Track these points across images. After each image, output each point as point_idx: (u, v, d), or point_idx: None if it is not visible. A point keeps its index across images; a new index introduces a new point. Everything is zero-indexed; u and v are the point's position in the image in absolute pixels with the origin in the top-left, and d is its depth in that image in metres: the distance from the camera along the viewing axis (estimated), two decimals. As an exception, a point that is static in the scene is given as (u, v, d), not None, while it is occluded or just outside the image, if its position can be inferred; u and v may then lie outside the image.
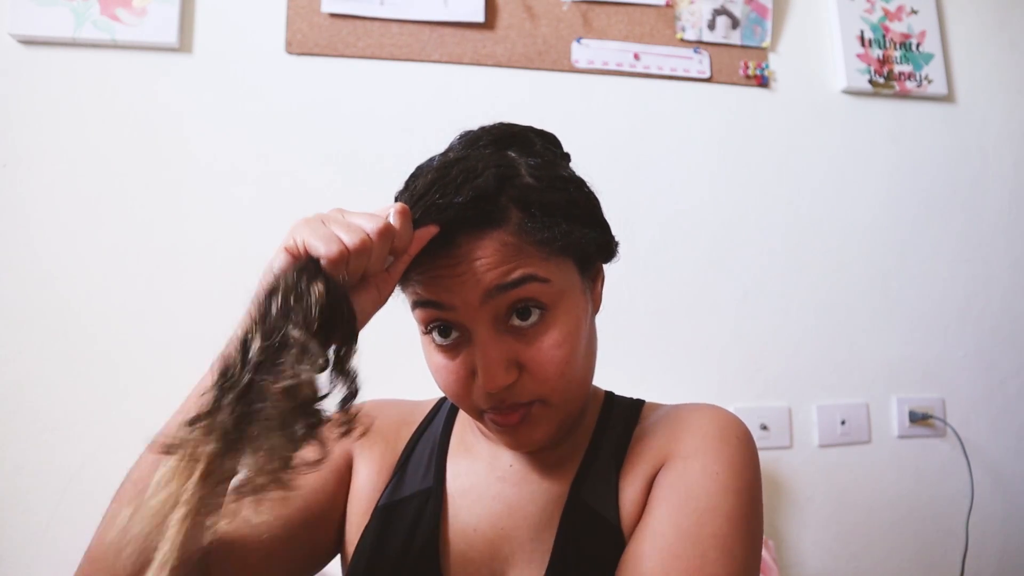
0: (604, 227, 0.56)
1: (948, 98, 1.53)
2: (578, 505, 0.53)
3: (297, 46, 1.26)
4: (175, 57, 1.22)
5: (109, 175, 1.17)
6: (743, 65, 1.43)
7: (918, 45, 1.51)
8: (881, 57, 1.49)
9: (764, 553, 1.16)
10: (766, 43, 1.44)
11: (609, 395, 0.63)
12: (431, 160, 0.55)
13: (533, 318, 0.48)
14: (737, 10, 1.43)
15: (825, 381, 1.38)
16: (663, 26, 1.40)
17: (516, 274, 0.46)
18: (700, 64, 1.41)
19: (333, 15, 1.27)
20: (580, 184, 0.55)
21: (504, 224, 0.47)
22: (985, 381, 1.46)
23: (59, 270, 1.14)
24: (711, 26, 1.42)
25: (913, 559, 1.36)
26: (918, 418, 1.39)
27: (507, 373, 0.47)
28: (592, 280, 0.55)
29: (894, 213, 1.47)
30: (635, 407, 0.61)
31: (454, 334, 0.49)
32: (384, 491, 0.60)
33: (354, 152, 1.26)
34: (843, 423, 1.36)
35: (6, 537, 1.07)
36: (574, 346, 0.49)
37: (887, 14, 1.51)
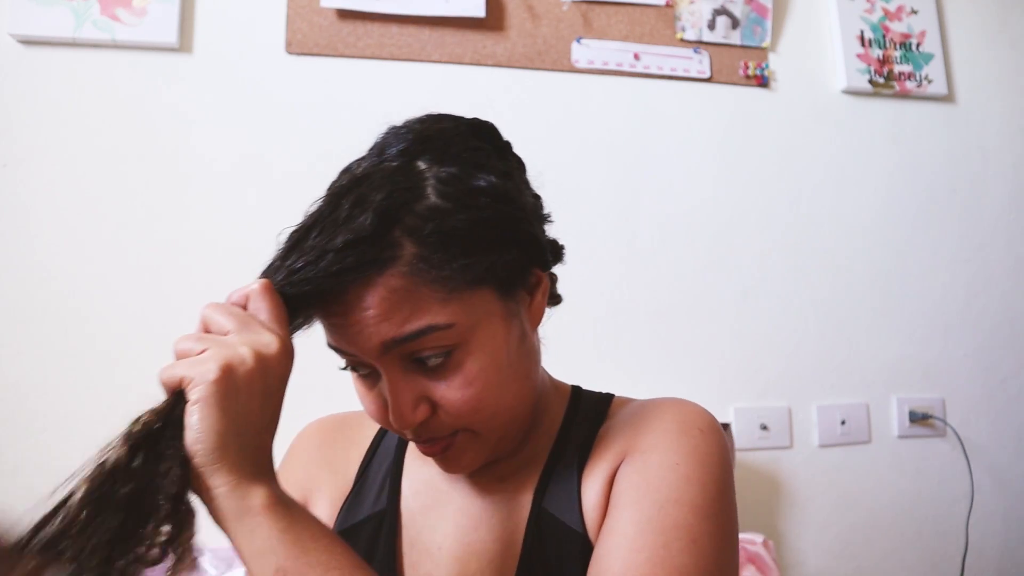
0: (529, 241, 0.50)
1: (948, 98, 1.53)
2: (541, 515, 0.51)
3: (297, 46, 1.26)
4: (175, 57, 1.22)
5: (109, 175, 1.17)
6: (743, 65, 1.43)
7: (918, 45, 1.51)
8: (881, 57, 1.49)
9: (764, 553, 1.16)
10: (766, 43, 1.44)
11: (576, 390, 0.60)
12: (351, 165, 0.53)
13: (440, 359, 0.45)
14: (737, 10, 1.43)
15: (825, 381, 1.38)
16: (663, 26, 1.40)
17: (410, 327, 0.43)
18: (700, 64, 1.41)
19: (334, 11, 1.27)
20: (499, 195, 0.47)
21: (393, 265, 0.42)
22: (985, 381, 1.46)
23: (59, 270, 1.14)
24: (711, 26, 1.42)
25: (913, 559, 1.36)
26: (918, 418, 1.39)
27: (415, 412, 0.45)
28: (529, 293, 0.51)
29: (894, 213, 1.46)
30: (603, 402, 0.58)
31: (366, 369, 0.47)
32: (336, 519, 0.57)
33: (354, 152, 1.25)
34: (843, 423, 1.36)
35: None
36: (488, 380, 0.46)
37: (887, 14, 1.51)
